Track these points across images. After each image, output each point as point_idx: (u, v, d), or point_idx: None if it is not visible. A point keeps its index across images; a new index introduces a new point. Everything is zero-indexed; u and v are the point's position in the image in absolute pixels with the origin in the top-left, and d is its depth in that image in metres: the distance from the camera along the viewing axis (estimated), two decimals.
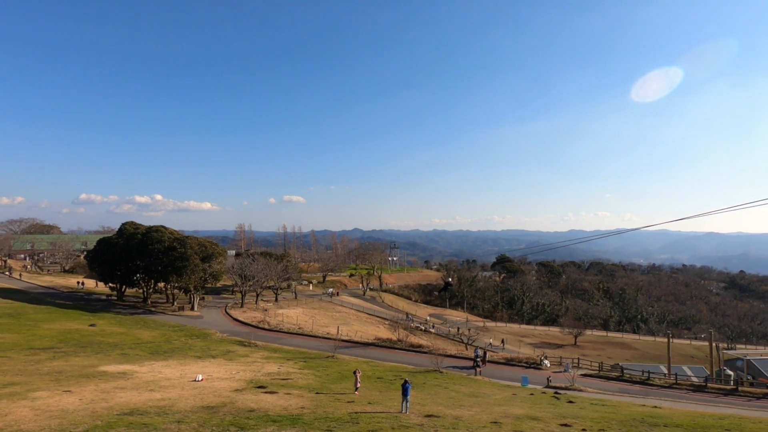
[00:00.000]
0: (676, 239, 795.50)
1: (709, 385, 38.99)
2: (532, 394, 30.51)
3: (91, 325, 52.02)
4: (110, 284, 74.54)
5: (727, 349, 76.74)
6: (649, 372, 42.52)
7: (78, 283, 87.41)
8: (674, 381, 40.37)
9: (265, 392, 24.29)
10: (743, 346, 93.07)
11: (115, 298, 74.47)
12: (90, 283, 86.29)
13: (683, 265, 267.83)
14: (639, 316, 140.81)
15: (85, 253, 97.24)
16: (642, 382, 40.11)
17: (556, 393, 31.59)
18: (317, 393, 25.45)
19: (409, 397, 21.47)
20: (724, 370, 55.81)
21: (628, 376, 41.94)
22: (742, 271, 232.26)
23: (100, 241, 75.37)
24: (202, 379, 27.67)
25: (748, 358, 59.10)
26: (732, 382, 43.31)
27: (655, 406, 26.86)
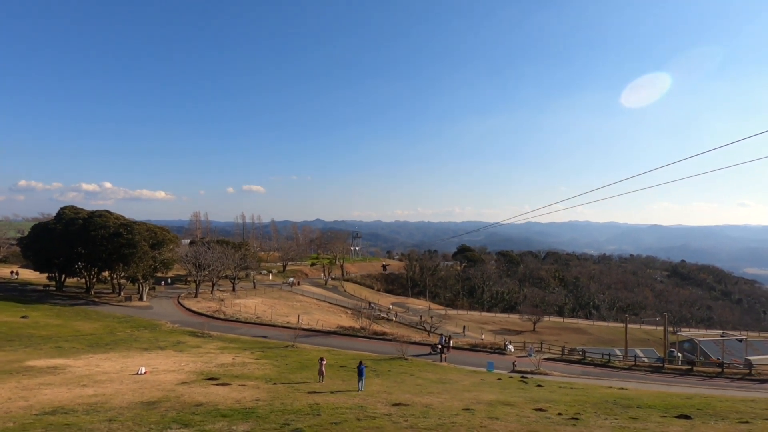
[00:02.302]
0: (623, 231, 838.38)
1: (665, 366, 40.13)
2: (499, 379, 29.84)
3: (23, 317, 47.26)
4: (48, 273, 68.59)
5: (673, 332, 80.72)
6: (609, 355, 43.33)
7: (11, 272, 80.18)
8: (633, 363, 41.31)
9: (217, 384, 22.03)
10: (687, 329, 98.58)
11: (54, 288, 68.67)
12: (26, 273, 79.34)
13: (630, 255, 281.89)
14: (591, 303, 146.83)
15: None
16: (603, 365, 40.76)
17: (523, 377, 31.13)
18: (275, 384, 23.44)
19: (363, 377, 23.34)
20: (673, 351, 58.35)
21: (589, 359, 42.56)
22: (683, 261, 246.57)
23: (36, 227, 69.10)
24: (145, 372, 24.97)
25: (700, 339, 62.03)
26: (684, 362, 44.96)
27: (622, 388, 26.84)
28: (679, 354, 58.43)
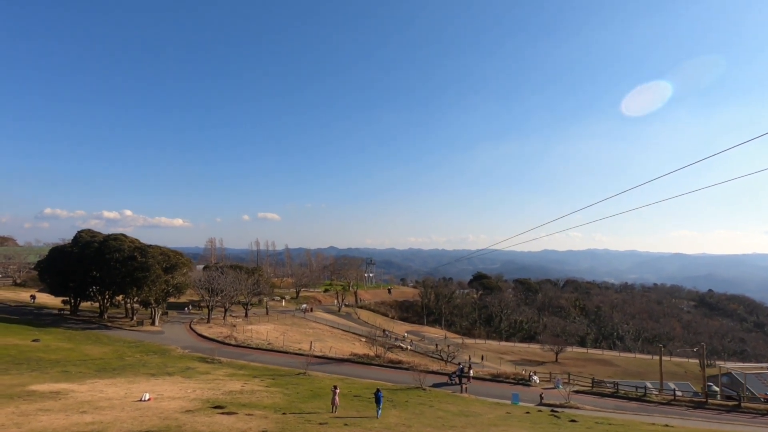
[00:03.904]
0: (644, 259, 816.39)
1: (709, 401, 36.91)
2: (528, 412, 27.47)
3: (34, 341, 46.48)
4: (63, 297, 68.36)
5: (709, 365, 75.89)
6: (645, 388, 40.24)
7: (31, 297, 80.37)
8: (672, 398, 38.14)
9: (222, 413, 20.44)
10: (723, 363, 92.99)
11: (68, 312, 68.23)
12: (43, 298, 79.37)
13: (654, 284, 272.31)
14: (615, 334, 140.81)
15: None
16: (638, 399, 37.69)
17: (553, 411, 28.67)
18: (284, 413, 21.73)
19: (381, 404, 23.29)
20: (711, 386, 54.36)
21: (623, 392, 39.52)
22: (710, 290, 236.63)
23: (53, 250, 69.40)
24: (149, 399, 23.54)
25: (746, 373, 57.63)
26: (725, 398, 41.52)
27: (667, 425, 24.28)
28: (717, 388, 54.43)
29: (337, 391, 24.17)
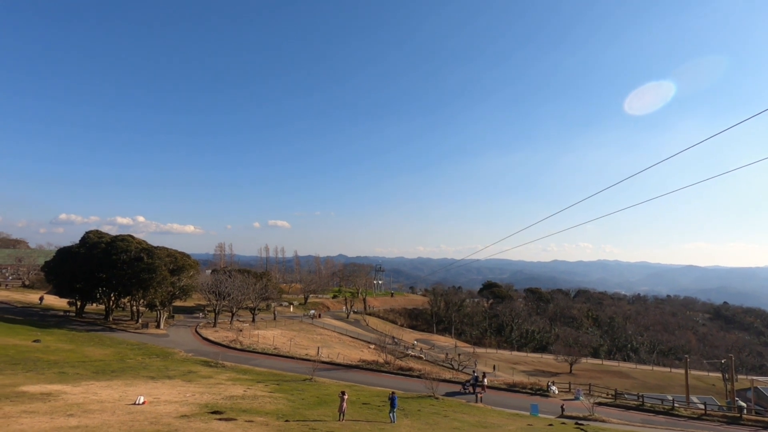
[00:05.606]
0: (656, 271, 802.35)
1: (743, 416, 34.35)
2: (551, 425, 25.36)
3: (35, 341, 45.40)
4: (69, 299, 67.47)
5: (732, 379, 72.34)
6: (673, 401, 37.74)
7: (40, 298, 79.80)
8: (703, 412, 35.60)
9: (220, 419, 18.79)
10: (744, 377, 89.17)
11: (73, 314, 67.31)
12: (51, 299, 78.76)
13: (667, 295, 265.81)
14: (629, 345, 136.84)
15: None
16: (666, 413, 35.23)
17: (577, 424, 26.50)
18: (287, 421, 20.01)
19: (396, 408, 22.58)
20: (737, 401, 51.51)
21: (649, 405, 37.03)
22: (725, 303, 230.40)
23: (60, 251, 68.61)
24: (143, 402, 21.97)
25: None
26: (754, 412, 38.81)
27: None
28: (744, 404, 51.53)
29: (345, 397, 22.44)
